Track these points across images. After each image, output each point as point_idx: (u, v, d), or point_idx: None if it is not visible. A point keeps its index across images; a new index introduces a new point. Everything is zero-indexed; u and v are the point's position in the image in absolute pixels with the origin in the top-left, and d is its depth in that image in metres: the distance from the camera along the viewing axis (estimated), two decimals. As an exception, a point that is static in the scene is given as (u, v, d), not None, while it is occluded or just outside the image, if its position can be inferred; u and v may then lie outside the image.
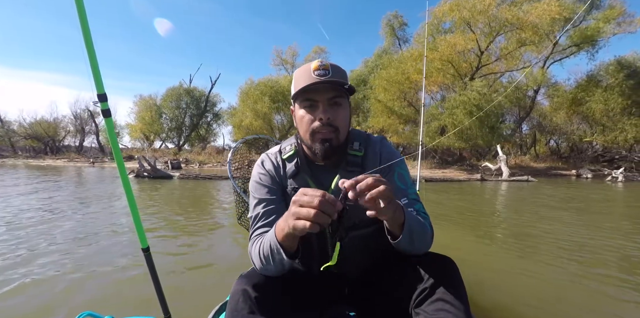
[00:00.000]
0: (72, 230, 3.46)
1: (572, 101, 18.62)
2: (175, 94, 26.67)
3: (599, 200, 6.67)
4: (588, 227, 3.95)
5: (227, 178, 10.75)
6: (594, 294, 2.04)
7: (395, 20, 23.05)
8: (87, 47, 0.98)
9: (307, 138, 0.91)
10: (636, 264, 2.61)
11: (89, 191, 6.74)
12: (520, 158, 19.56)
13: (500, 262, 2.66)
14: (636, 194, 8.20)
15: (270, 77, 23.68)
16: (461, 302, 0.75)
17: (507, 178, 12.32)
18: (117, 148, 1.16)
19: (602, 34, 16.32)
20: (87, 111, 29.54)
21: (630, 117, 16.78)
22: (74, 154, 25.79)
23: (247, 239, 0.94)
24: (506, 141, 16.76)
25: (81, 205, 5.00)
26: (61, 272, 2.28)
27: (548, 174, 15.76)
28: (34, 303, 1.81)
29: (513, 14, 13.49)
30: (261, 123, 22.14)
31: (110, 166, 18.99)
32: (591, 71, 18.56)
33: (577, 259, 2.71)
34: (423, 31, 16.72)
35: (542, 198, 7.10)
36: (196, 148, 26.78)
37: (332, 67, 0.88)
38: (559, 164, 18.77)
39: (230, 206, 5.30)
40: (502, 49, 15.85)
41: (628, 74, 16.61)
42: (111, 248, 2.86)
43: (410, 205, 0.90)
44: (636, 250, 3.00)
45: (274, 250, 0.77)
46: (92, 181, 9.67)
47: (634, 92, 16.68)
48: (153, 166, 10.99)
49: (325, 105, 0.87)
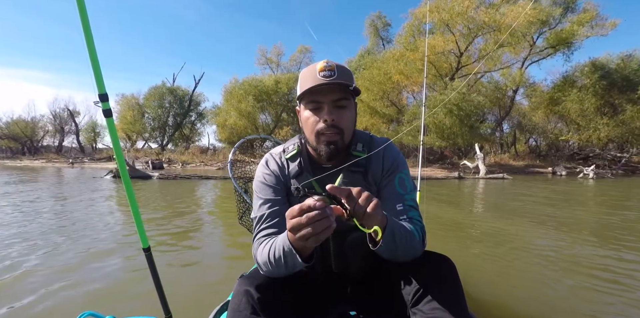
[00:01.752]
0: (69, 230, 3.47)
1: (550, 101, 19.21)
2: (158, 93, 26.26)
3: (561, 195, 6.96)
4: (526, 220, 4.16)
5: (208, 178, 10.73)
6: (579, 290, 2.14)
7: (379, 20, 23.30)
8: (88, 47, 0.97)
9: (312, 139, 0.90)
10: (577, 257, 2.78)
11: (73, 191, 6.64)
12: (500, 157, 20.06)
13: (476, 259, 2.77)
14: (599, 189, 8.56)
15: (254, 77, 23.60)
16: (458, 300, 0.75)
17: (484, 176, 12.65)
18: (119, 149, 1.15)
19: (576, 36, 16.88)
20: (67, 110, 28.83)
21: (603, 117, 17.46)
22: (52, 155, 25.13)
23: (247, 239, 0.96)
24: (485, 140, 17.16)
25: (72, 204, 4.93)
26: (61, 272, 2.29)
27: (526, 172, 16.22)
28: (34, 304, 1.82)
29: (490, 17, 13.82)
30: (245, 122, 22.04)
31: (90, 167, 18.60)
32: (567, 72, 19.20)
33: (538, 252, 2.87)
34: (405, 32, 16.98)
35: (507, 194, 7.36)
36: (180, 147, 26.46)
37: (338, 67, 0.87)
38: (537, 162, 19.32)
39: (219, 205, 5.31)
40: (481, 50, 16.22)
41: (602, 75, 17.23)
42: (112, 248, 2.87)
43: (405, 212, 0.89)
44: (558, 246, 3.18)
45: (287, 253, 0.75)
46: (71, 181, 9.48)
47: (606, 92, 17.35)
48: (131, 167, 10.86)
49: (330, 107, 0.87)
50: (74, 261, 2.52)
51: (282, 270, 0.79)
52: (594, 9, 16.97)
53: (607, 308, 1.84)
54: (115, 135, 1.11)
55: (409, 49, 15.86)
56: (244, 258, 2.64)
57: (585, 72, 17.83)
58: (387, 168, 0.95)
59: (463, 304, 0.76)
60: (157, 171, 13.24)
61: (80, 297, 1.91)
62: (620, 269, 2.45)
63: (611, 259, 2.68)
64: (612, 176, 13.70)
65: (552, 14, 16.77)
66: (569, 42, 17.23)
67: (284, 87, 22.64)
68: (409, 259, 0.83)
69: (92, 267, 2.40)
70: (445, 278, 0.78)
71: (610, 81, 17.18)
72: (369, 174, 0.95)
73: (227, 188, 8.12)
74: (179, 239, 3.25)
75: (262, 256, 0.83)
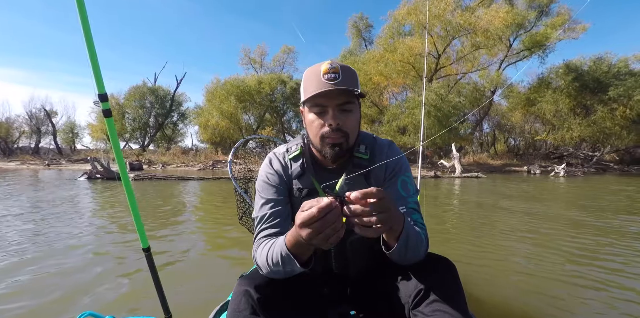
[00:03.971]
0: (66, 231, 3.45)
1: (526, 102, 19.78)
2: (139, 93, 25.76)
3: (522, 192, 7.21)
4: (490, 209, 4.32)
5: (185, 179, 10.64)
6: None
7: (361, 22, 23.48)
8: (88, 48, 0.97)
9: (316, 141, 0.90)
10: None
11: (49, 194, 6.48)
12: (479, 156, 20.51)
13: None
14: (557, 187, 8.91)
15: (237, 77, 23.42)
16: (459, 302, 0.75)
17: (459, 175, 12.94)
18: (119, 149, 1.13)
19: (550, 39, 17.41)
20: (43, 110, 28.01)
21: (576, 117, 18.08)
22: (28, 157, 24.38)
23: (246, 239, 0.95)
24: (464, 140, 17.53)
25: (51, 208, 4.82)
26: (62, 272, 2.28)
27: (502, 170, 16.66)
28: (35, 304, 1.81)
29: (465, 19, 14.14)
30: (228, 123, 21.87)
31: (67, 168, 18.14)
32: (542, 74, 19.80)
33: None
34: (384, 34, 17.19)
35: (480, 192, 7.58)
36: (161, 148, 26.06)
37: (343, 69, 0.85)
38: (514, 161, 19.85)
39: (214, 205, 5.31)
40: (458, 52, 16.57)
41: (575, 76, 17.83)
42: (112, 249, 2.86)
43: (407, 215, 0.87)
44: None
45: (284, 258, 0.75)
46: (46, 184, 9.25)
47: (579, 93, 17.97)
48: (106, 168, 10.67)
49: (335, 111, 0.85)
50: (73, 262, 2.51)
51: (280, 274, 0.80)
52: (567, 13, 17.59)
53: (608, 308, 1.81)
54: (115, 135, 1.10)
55: (389, 50, 16.07)
56: (243, 258, 2.66)
57: (560, 74, 18.43)
58: (390, 170, 0.95)
59: (464, 306, 0.75)
60: (134, 172, 13.04)
61: (80, 297, 1.91)
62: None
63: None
64: (582, 175, 14.21)
65: (527, 17, 17.28)
66: (543, 44, 17.78)
67: (266, 87, 22.54)
68: (411, 263, 0.83)
69: (91, 267, 2.40)
70: (446, 280, 0.78)
71: (583, 83, 17.80)
72: (371, 176, 0.95)
73: (207, 189, 8.10)
74: (178, 239, 3.24)
75: (260, 258, 0.83)
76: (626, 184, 9.70)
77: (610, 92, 16.50)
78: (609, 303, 1.87)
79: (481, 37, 15.13)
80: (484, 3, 16.14)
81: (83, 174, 10.98)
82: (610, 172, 17.20)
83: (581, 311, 1.78)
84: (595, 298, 1.93)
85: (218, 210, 5.00)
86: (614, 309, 1.80)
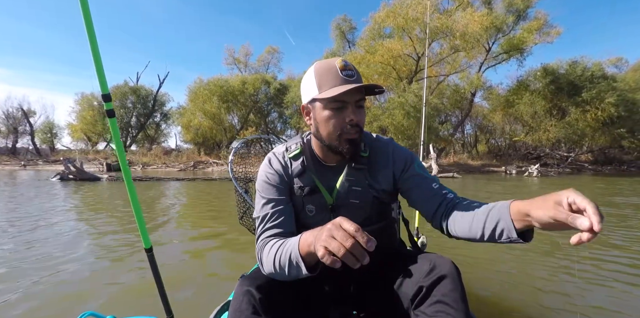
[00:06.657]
0: (65, 231, 3.44)
1: (505, 104, 20.23)
2: (120, 93, 25.31)
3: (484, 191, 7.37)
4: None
5: (159, 179, 10.53)
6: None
7: (345, 23, 23.59)
8: (92, 48, 0.97)
9: (332, 138, 0.89)
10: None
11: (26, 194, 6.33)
12: (459, 156, 20.87)
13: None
14: (535, 186, 9.15)
15: (220, 77, 23.24)
16: (460, 303, 0.74)
17: (435, 175, 13.11)
18: (122, 149, 1.12)
19: (526, 43, 17.87)
20: (20, 109, 27.29)
21: (552, 119, 18.58)
22: (4, 157, 23.72)
23: (246, 239, 0.93)
24: (443, 140, 17.82)
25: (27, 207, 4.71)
26: (62, 272, 2.26)
27: (481, 171, 17.00)
28: (35, 304, 1.80)
29: (442, 23, 14.40)
30: (211, 123, 21.72)
31: (44, 169, 17.73)
32: (521, 77, 20.28)
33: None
34: (366, 35, 17.35)
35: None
36: (142, 149, 25.68)
37: (354, 67, 0.88)
38: (493, 161, 20.27)
39: (203, 207, 5.32)
40: (438, 54, 16.85)
41: (552, 79, 18.32)
42: (113, 249, 2.85)
43: (442, 189, 0.92)
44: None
45: (292, 261, 0.75)
46: (18, 184, 9.03)
47: (554, 96, 18.48)
48: (78, 169, 10.48)
49: (354, 107, 0.87)
50: (74, 262, 2.49)
51: (284, 276, 0.80)
52: (544, 17, 18.07)
53: (607, 307, 1.80)
54: (118, 135, 1.09)
55: (370, 52, 16.23)
56: (244, 258, 2.64)
57: (538, 77, 18.91)
58: (402, 162, 0.98)
59: (465, 307, 0.75)
60: (109, 173, 12.84)
61: (80, 297, 1.90)
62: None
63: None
64: (555, 175, 14.62)
65: (505, 21, 17.68)
66: (520, 48, 18.23)
67: (250, 87, 22.45)
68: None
69: (91, 267, 2.39)
70: (449, 281, 0.77)
71: (558, 85, 18.30)
72: (378, 175, 0.97)
73: (184, 190, 8.06)
74: (175, 239, 3.24)
75: (267, 258, 0.82)
76: (596, 182, 10.02)
77: (583, 94, 17.00)
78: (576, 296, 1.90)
79: (460, 41, 15.42)
80: (462, 7, 16.45)
81: (56, 175, 10.77)
82: (584, 172, 17.74)
83: (579, 309, 1.78)
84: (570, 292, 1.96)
85: (218, 210, 5.01)
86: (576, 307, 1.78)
